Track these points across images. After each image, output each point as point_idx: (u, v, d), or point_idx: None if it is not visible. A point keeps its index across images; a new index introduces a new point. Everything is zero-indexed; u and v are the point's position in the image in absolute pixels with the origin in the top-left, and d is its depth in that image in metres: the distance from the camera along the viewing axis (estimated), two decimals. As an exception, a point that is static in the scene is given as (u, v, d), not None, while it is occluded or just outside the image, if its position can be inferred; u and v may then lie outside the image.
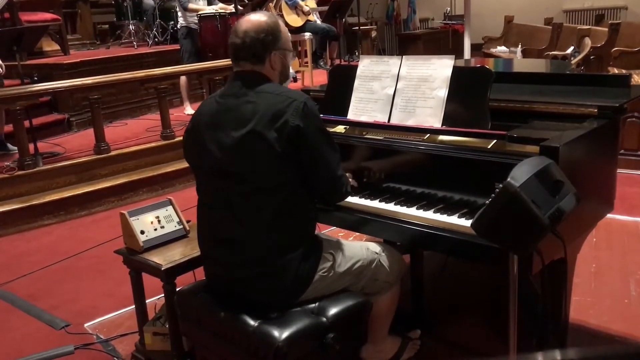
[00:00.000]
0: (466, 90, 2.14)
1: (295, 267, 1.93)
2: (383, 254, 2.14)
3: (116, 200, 4.82)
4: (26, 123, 4.68)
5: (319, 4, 8.35)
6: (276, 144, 1.85)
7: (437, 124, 2.17)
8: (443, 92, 2.18)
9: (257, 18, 2.01)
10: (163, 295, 2.37)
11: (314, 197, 2.03)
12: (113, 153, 5.05)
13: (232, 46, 2.02)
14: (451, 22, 11.67)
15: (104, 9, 9.31)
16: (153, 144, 5.32)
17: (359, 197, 2.22)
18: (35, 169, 4.63)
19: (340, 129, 2.43)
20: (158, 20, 8.04)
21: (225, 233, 1.96)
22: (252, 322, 1.88)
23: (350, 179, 2.19)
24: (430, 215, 2.02)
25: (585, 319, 2.68)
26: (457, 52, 7.13)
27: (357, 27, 8.49)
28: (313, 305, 1.96)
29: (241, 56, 2.00)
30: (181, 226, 2.51)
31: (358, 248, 2.12)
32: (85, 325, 2.98)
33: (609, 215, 2.27)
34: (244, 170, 1.90)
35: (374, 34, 9.79)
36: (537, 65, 3.83)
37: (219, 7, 6.47)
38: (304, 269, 1.95)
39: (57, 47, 7.35)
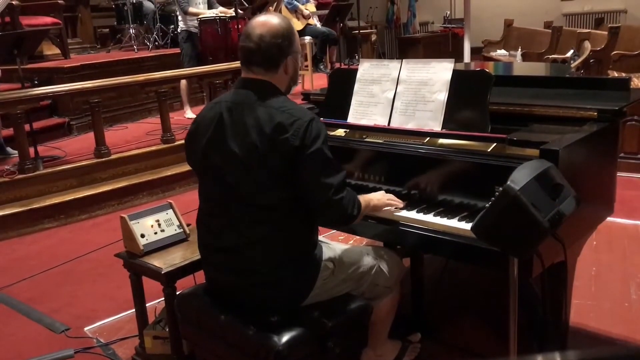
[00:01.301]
0: (466, 94, 2.14)
1: (295, 277, 1.92)
2: (383, 258, 2.14)
3: (116, 204, 4.82)
4: (26, 127, 4.69)
5: (318, 7, 8.36)
6: (274, 162, 1.82)
7: (437, 127, 2.17)
8: (443, 96, 2.18)
9: (270, 21, 1.93)
10: (163, 298, 2.37)
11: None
12: (113, 157, 5.05)
13: (245, 50, 1.92)
14: (451, 25, 11.68)
15: (104, 13, 9.33)
16: (153, 148, 5.32)
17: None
18: (35, 173, 4.64)
19: (340, 132, 2.43)
20: (158, 24, 8.06)
21: (224, 241, 1.95)
22: (252, 326, 1.88)
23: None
24: (430, 218, 2.02)
25: (586, 322, 2.68)
26: (457, 56, 7.15)
27: (357, 31, 8.50)
28: (313, 309, 1.96)
29: (254, 61, 1.92)
30: (181, 230, 2.51)
31: (358, 253, 2.12)
32: (86, 328, 2.97)
33: (609, 219, 2.27)
34: (242, 184, 1.87)
35: (373, 37, 9.81)
36: (536, 69, 3.84)
37: (219, 11, 6.48)
38: (303, 279, 1.94)
39: (57, 51, 7.36)
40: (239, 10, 6.58)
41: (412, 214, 2.06)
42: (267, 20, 1.94)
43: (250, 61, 1.93)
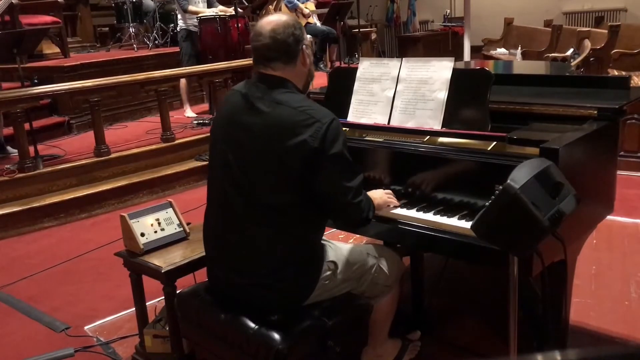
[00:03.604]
0: (466, 92, 2.14)
1: (297, 279, 1.91)
2: (383, 257, 2.13)
3: (116, 203, 4.82)
4: (26, 126, 4.68)
5: (318, 6, 8.36)
6: (291, 163, 1.79)
7: (437, 126, 2.17)
8: (443, 94, 2.18)
9: (277, 17, 1.92)
10: (163, 297, 2.37)
11: (327, 220, 1.99)
12: (113, 155, 5.05)
13: (261, 48, 1.88)
14: (451, 24, 11.68)
15: (104, 12, 9.32)
16: (153, 147, 5.32)
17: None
18: (35, 172, 4.64)
19: (340, 131, 2.43)
20: (158, 22, 8.05)
21: (227, 238, 1.95)
22: (252, 325, 1.88)
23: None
24: (430, 217, 2.02)
25: (586, 321, 2.68)
26: (457, 54, 7.15)
27: (357, 30, 8.50)
28: (313, 308, 1.96)
29: (272, 57, 1.88)
30: (181, 228, 2.51)
31: (358, 253, 2.11)
32: (86, 327, 2.97)
33: (609, 217, 2.27)
34: (253, 185, 1.86)
35: (373, 36, 9.79)
36: (537, 67, 3.84)
37: (218, 10, 6.48)
38: (305, 281, 1.94)
39: (57, 49, 7.35)
40: (238, 9, 6.58)
41: (412, 213, 2.06)
42: (274, 17, 1.93)
43: (269, 58, 1.89)
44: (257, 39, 1.90)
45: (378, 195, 2.08)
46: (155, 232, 2.44)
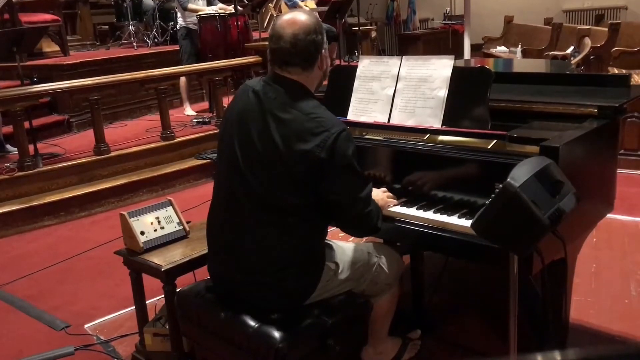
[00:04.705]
0: (466, 91, 2.14)
1: (297, 279, 1.91)
2: (383, 256, 2.13)
3: (116, 201, 4.82)
4: (26, 124, 4.68)
5: (319, 4, 8.35)
6: (295, 167, 1.79)
7: (437, 124, 2.17)
8: (443, 93, 2.18)
9: (299, 18, 1.86)
10: (163, 296, 2.36)
11: (330, 221, 1.97)
12: (113, 154, 5.05)
13: (280, 51, 1.85)
14: (451, 22, 11.67)
15: (103, 10, 9.32)
16: (153, 145, 5.32)
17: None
18: (35, 170, 4.64)
19: (340, 129, 2.42)
20: (158, 21, 8.05)
21: (230, 236, 1.95)
22: (252, 323, 1.88)
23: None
24: (430, 215, 2.02)
25: (586, 319, 2.68)
26: (457, 53, 7.13)
27: (357, 28, 8.49)
28: (313, 307, 1.96)
29: (292, 62, 1.86)
30: (181, 227, 2.51)
31: (359, 252, 2.11)
32: (86, 326, 2.98)
33: (609, 215, 2.27)
34: (259, 184, 1.85)
35: (373, 34, 9.78)
36: (537, 66, 3.83)
37: (218, 8, 6.47)
38: (307, 281, 1.94)
39: (57, 48, 7.35)
40: (238, 7, 6.57)
41: (412, 211, 2.06)
42: (295, 18, 1.88)
43: (287, 62, 1.87)
44: (277, 42, 1.86)
45: (380, 196, 2.08)
46: (155, 230, 2.44)
